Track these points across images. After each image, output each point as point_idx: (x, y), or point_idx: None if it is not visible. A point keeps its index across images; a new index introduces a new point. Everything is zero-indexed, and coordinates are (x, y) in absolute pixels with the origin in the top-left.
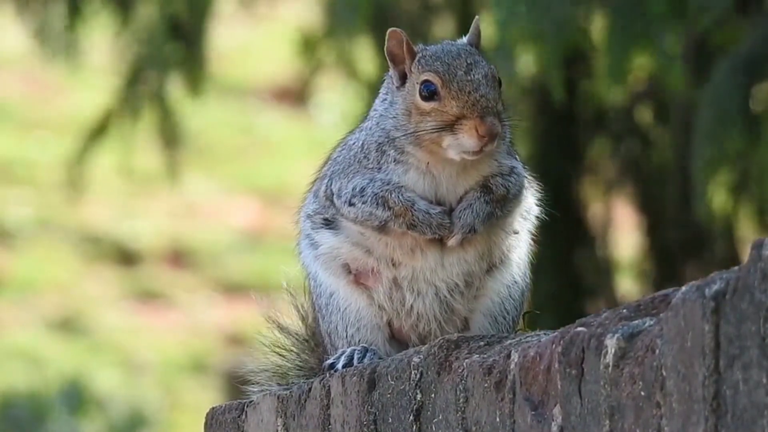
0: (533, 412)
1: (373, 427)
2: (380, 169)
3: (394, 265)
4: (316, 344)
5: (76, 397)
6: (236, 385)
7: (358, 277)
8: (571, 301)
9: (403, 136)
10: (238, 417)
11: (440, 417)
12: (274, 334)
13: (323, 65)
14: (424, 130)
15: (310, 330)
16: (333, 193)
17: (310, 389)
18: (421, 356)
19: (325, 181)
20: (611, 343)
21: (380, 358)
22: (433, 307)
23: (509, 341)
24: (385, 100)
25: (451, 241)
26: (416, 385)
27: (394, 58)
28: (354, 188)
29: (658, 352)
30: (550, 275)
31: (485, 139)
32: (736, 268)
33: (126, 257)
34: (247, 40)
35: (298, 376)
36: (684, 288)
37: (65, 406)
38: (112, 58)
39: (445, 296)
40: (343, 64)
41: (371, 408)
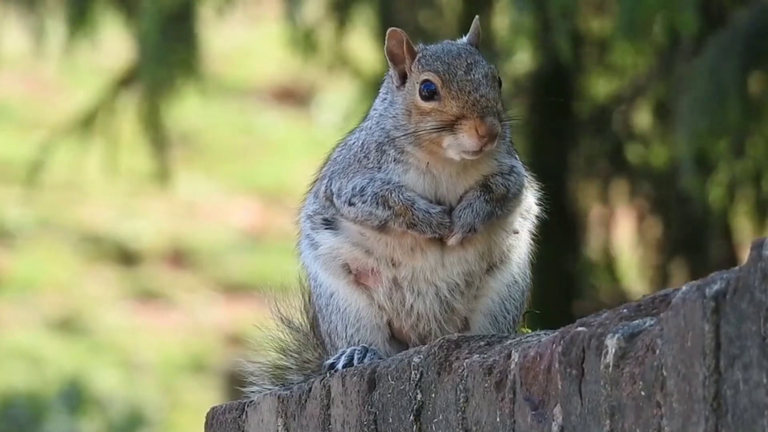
0: (533, 412)
1: (373, 427)
2: (380, 168)
3: (394, 264)
4: (317, 342)
5: (76, 397)
6: (236, 386)
7: (358, 277)
8: (567, 302)
9: (403, 135)
10: (239, 417)
11: (440, 417)
12: (274, 331)
13: (323, 65)
14: (424, 130)
15: (310, 327)
16: (333, 193)
17: (311, 389)
18: (422, 356)
19: (325, 182)
20: (612, 343)
21: (380, 358)
22: (433, 306)
23: (509, 341)
24: (385, 99)
25: (451, 241)
26: (416, 385)
27: (394, 57)
28: (354, 188)
29: (658, 352)
30: (546, 275)
31: (485, 139)
32: (737, 267)
33: (126, 257)
34: (247, 40)
35: (299, 376)
36: (684, 288)
37: (65, 406)
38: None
39: (446, 296)
40: (344, 64)
41: (371, 408)
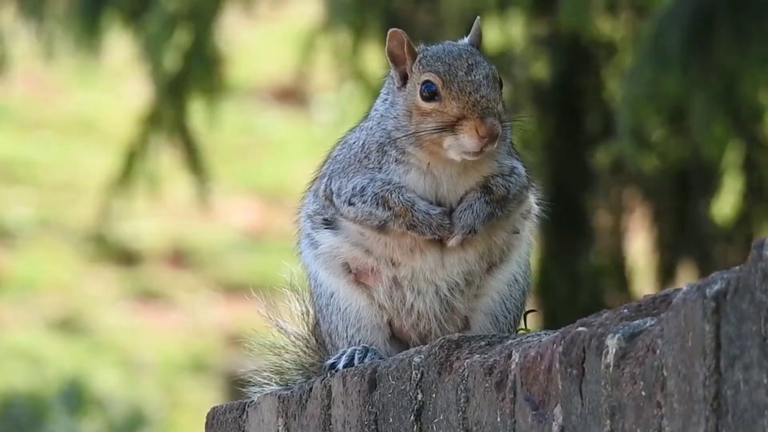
0: (534, 412)
1: (374, 427)
2: (381, 169)
3: (393, 264)
4: (317, 343)
5: (76, 397)
6: (236, 386)
7: (358, 277)
8: (580, 305)
9: (404, 136)
10: (239, 417)
11: (441, 417)
12: (274, 333)
13: (324, 65)
14: (425, 131)
15: (311, 329)
16: (332, 192)
17: (311, 389)
18: (422, 356)
19: (325, 180)
20: (612, 343)
21: (381, 358)
22: (433, 305)
23: (510, 341)
24: (386, 100)
25: (451, 242)
26: (417, 385)
27: (395, 58)
28: (354, 188)
29: (658, 352)
30: (559, 279)
31: (485, 140)
32: (737, 267)
33: (126, 257)
34: (247, 40)
35: (299, 376)
36: (684, 288)
37: (65, 406)
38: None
39: (446, 295)
40: (344, 64)
41: (372, 408)
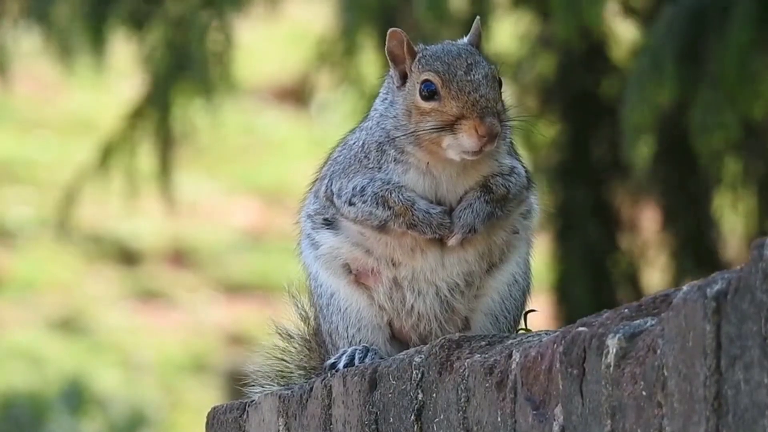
0: (534, 412)
1: (374, 427)
2: (380, 168)
3: (394, 264)
4: (318, 344)
5: (77, 397)
6: (237, 385)
7: (358, 277)
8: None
9: (403, 135)
10: (240, 417)
11: (441, 417)
12: (274, 335)
13: (325, 65)
14: (424, 130)
15: (312, 330)
16: (333, 193)
17: (312, 389)
18: (423, 356)
19: (325, 181)
20: (612, 343)
21: (381, 358)
22: (433, 306)
23: (510, 341)
24: (386, 99)
25: (451, 241)
26: (417, 384)
27: (394, 57)
28: (354, 188)
29: (659, 351)
30: (583, 277)
31: (485, 139)
32: (738, 267)
33: (127, 257)
34: (247, 40)
35: (300, 376)
36: (685, 288)
37: (65, 406)
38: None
39: (446, 295)
40: (346, 64)
41: (372, 408)
